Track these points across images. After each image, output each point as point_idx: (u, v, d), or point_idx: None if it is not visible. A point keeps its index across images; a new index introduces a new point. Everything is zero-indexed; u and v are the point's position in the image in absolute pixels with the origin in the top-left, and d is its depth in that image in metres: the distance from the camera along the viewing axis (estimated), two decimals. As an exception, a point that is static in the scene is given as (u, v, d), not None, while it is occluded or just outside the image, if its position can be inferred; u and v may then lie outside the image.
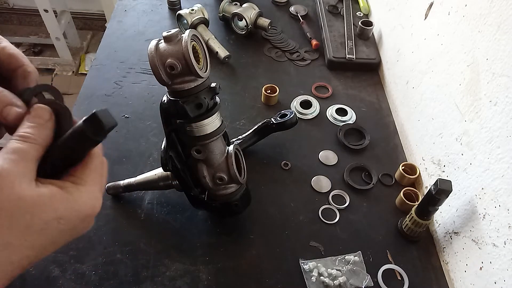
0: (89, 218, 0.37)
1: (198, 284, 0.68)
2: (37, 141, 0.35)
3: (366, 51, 1.11)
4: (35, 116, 0.37)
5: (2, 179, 0.32)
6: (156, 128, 0.92)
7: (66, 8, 2.41)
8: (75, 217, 0.35)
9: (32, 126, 0.36)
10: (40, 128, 0.36)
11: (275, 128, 0.85)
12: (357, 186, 0.83)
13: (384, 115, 1.00)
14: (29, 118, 0.37)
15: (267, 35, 1.19)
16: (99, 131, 0.35)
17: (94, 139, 0.36)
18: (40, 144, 0.36)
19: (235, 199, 0.69)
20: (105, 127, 0.35)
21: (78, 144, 0.37)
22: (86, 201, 0.36)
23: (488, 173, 0.62)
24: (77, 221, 0.36)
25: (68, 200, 0.35)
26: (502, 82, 0.59)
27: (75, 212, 0.35)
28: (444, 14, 0.78)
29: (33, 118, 0.37)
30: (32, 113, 0.37)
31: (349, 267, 0.71)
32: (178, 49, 0.55)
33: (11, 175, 0.32)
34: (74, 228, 0.36)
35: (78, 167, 0.38)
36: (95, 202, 0.37)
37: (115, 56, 1.09)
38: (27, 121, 0.36)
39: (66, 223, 0.35)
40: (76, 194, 0.35)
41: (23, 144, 0.35)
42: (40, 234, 0.33)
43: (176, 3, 1.26)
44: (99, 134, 0.36)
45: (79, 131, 0.36)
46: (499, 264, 0.58)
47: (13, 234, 0.31)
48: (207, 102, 0.60)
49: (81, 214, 0.36)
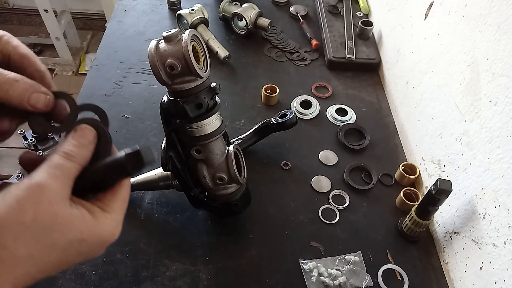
0: (106, 244, 0.38)
1: (198, 284, 0.68)
2: (78, 161, 0.37)
3: (366, 51, 1.11)
4: (81, 135, 0.38)
5: (43, 192, 0.33)
6: (156, 128, 0.92)
7: (66, 8, 2.41)
8: (95, 242, 0.36)
9: (76, 145, 0.37)
10: (83, 148, 0.38)
11: (275, 128, 0.85)
12: (357, 186, 0.83)
13: (384, 115, 1.00)
14: (75, 137, 0.38)
15: (267, 35, 1.19)
16: (138, 166, 0.37)
17: (131, 172, 0.38)
18: (80, 163, 0.37)
19: (235, 199, 0.69)
20: (144, 164, 0.37)
21: (114, 174, 0.38)
22: (109, 228, 0.37)
23: (488, 173, 0.62)
24: (96, 246, 0.37)
25: (93, 225, 0.36)
26: (502, 82, 0.59)
27: (97, 236, 0.36)
28: (444, 14, 0.78)
29: (78, 137, 0.38)
30: (78, 132, 0.38)
31: (349, 267, 0.71)
32: (178, 49, 0.55)
33: (51, 191, 0.33)
34: (91, 251, 0.37)
35: (107, 193, 0.39)
36: (116, 231, 0.38)
37: (115, 56, 1.09)
38: (73, 138, 0.38)
39: (86, 246, 0.36)
40: (102, 220, 0.37)
41: (66, 162, 0.36)
42: (61, 252, 0.34)
43: (176, 3, 1.26)
44: (137, 169, 0.37)
45: (119, 163, 0.37)
46: (499, 264, 0.58)
47: (39, 248, 0.33)
48: (207, 102, 0.60)
49: (101, 239, 0.37)
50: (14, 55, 0.40)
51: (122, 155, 0.37)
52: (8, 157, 1.94)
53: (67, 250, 0.34)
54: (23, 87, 0.37)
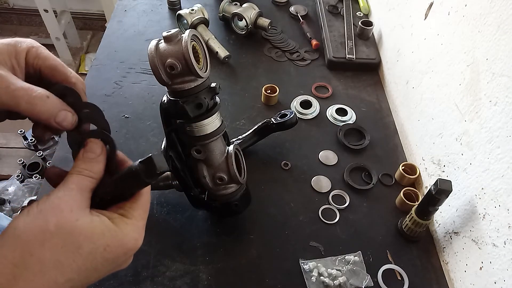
0: (131, 252, 0.39)
1: (198, 284, 0.68)
2: (91, 175, 0.39)
3: (366, 51, 1.11)
4: (89, 151, 0.40)
5: (63, 203, 0.35)
6: (156, 128, 0.92)
7: (66, 8, 2.41)
8: (119, 247, 0.37)
9: (87, 161, 0.40)
10: (94, 163, 0.40)
11: (275, 128, 0.85)
12: (357, 186, 0.83)
13: (384, 115, 1.00)
14: (84, 154, 0.40)
15: (267, 35, 1.19)
16: (153, 174, 0.38)
17: (146, 181, 0.38)
18: (94, 177, 0.39)
19: (235, 199, 0.69)
20: (158, 171, 0.37)
21: (131, 183, 0.40)
22: (131, 234, 0.38)
23: (488, 173, 0.62)
24: (121, 252, 0.38)
25: (115, 230, 0.37)
26: (502, 82, 0.59)
27: (120, 242, 0.37)
28: (444, 14, 0.78)
29: (87, 153, 0.40)
30: (86, 148, 0.40)
31: (349, 267, 0.71)
32: (178, 49, 0.55)
33: (70, 201, 0.36)
34: (117, 259, 0.38)
35: (127, 201, 0.40)
36: (138, 237, 0.39)
37: (115, 56, 1.09)
38: (83, 156, 0.40)
39: (110, 252, 0.37)
40: (122, 225, 0.38)
41: (80, 178, 0.38)
42: (87, 258, 0.35)
43: (176, 3, 1.26)
44: (152, 177, 0.38)
45: (134, 173, 0.38)
46: (499, 264, 0.58)
47: (64, 253, 0.34)
48: (207, 102, 0.60)
49: (124, 245, 0.38)
50: (44, 68, 0.41)
51: (136, 165, 0.38)
52: (8, 157, 1.94)
53: (92, 255, 0.35)
54: (51, 105, 0.38)
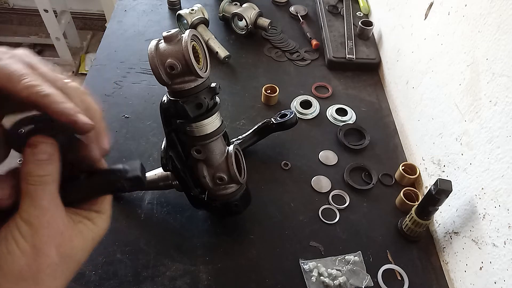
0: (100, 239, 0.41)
1: (198, 284, 0.68)
2: (52, 179, 0.34)
3: (366, 51, 1.11)
4: (37, 153, 0.34)
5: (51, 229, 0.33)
6: (156, 128, 0.92)
7: (66, 8, 2.41)
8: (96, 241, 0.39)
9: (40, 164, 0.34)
10: (48, 164, 0.34)
11: (275, 128, 0.85)
12: (357, 186, 0.83)
13: (384, 115, 1.00)
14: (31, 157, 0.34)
15: (267, 35, 1.19)
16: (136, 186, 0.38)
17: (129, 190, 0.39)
18: (55, 179, 0.34)
19: (235, 199, 0.69)
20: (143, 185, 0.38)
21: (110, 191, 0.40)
22: (106, 226, 0.40)
23: (488, 173, 0.62)
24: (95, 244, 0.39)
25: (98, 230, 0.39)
26: (502, 82, 0.59)
27: (99, 238, 0.39)
28: (444, 14, 0.78)
29: (37, 155, 0.34)
30: (35, 150, 0.34)
31: (349, 267, 0.71)
32: (178, 49, 0.55)
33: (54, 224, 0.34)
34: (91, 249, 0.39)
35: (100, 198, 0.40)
36: (108, 225, 0.41)
37: (115, 56, 1.09)
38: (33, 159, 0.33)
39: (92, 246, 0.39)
40: (100, 223, 0.39)
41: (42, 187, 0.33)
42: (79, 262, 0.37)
43: (176, 3, 1.26)
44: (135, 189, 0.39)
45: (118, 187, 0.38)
46: (499, 264, 0.58)
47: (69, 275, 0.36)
48: (207, 102, 0.60)
49: (100, 238, 0.40)
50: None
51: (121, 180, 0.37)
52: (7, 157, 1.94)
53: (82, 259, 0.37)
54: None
